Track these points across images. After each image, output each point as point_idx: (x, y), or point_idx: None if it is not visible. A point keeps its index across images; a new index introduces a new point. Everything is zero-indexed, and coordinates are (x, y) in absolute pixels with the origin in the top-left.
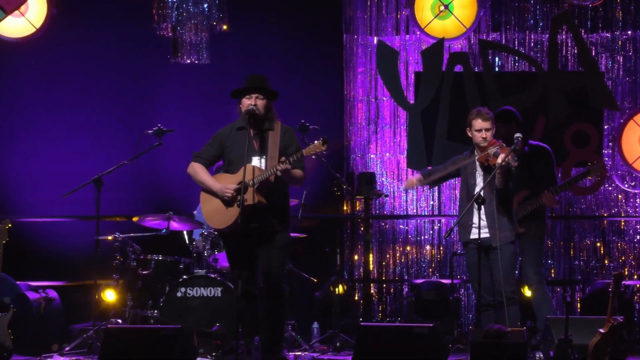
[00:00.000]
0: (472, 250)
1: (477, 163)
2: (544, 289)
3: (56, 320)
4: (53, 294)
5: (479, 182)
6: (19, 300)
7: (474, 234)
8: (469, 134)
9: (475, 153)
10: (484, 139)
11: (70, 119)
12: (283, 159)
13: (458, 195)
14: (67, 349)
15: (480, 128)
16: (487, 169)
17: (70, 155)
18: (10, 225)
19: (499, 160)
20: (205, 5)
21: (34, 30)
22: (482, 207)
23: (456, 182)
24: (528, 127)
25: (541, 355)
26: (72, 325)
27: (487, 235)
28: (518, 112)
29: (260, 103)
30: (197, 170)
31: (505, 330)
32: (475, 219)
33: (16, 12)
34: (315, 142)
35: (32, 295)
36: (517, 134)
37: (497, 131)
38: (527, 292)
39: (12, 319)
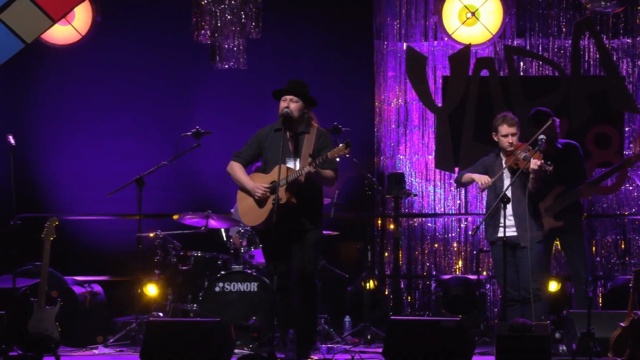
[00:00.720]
0: (499, 247)
1: (505, 166)
2: (585, 288)
3: (101, 313)
4: (98, 288)
5: (507, 184)
6: (66, 295)
7: (500, 233)
8: (495, 139)
9: (502, 156)
10: (510, 143)
11: (113, 121)
12: (309, 160)
13: (483, 195)
14: (111, 340)
15: (507, 133)
16: (514, 171)
17: (113, 157)
18: (57, 222)
19: (532, 165)
20: (242, 13)
21: (79, 37)
22: (509, 207)
23: None
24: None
25: (564, 348)
26: (116, 318)
27: (514, 233)
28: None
29: (294, 106)
30: (235, 169)
31: (529, 324)
32: (502, 219)
33: (63, 20)
34: (340, 145)
35: (78, 289)
36: (541, 136)
37: (533, 132)
38: (551, 287)
39: (59, 312)
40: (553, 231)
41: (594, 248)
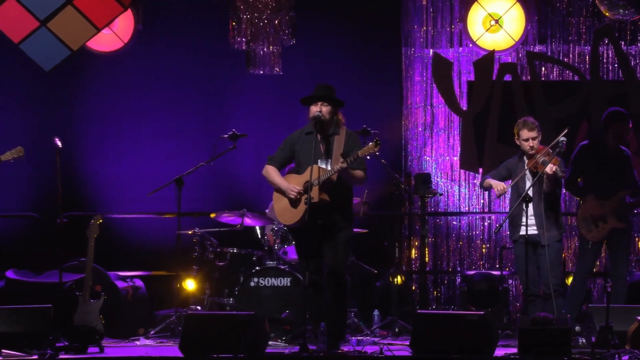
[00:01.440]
0: (521, 245)
1: (526, 168)
2: (625, 285)
3: (142, 306)
4: (139, 283)
5: (528, 185)
6: (109, 289)
7: (522, 231)
8: (517, 142)
9: (524, 159)
10: (531, 147)
11: (153, 125)
12: (341, 159)
13: (506, 194)
14: (152, 332)
15: (527, 137)
16: (535, 173)
17: (154, 158)
18: (101, 220)
19: (547, 170)
20: (276, 21)
21: (122, 44)
22: (530, 207)
23: None
24: (572, 131)
25: (584, 340)
26: (156, 312)
27: (535, 232)
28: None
29: (326, 110)
30: (270, 172)
31: (550, 317)
32: (524, 219)
33: (106, 28)
34: (369, 143)
35: (120, 284)
36: (562, 138)
37: (625, 129)
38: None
39: (103, 305)
40: (611, 231)
41: None
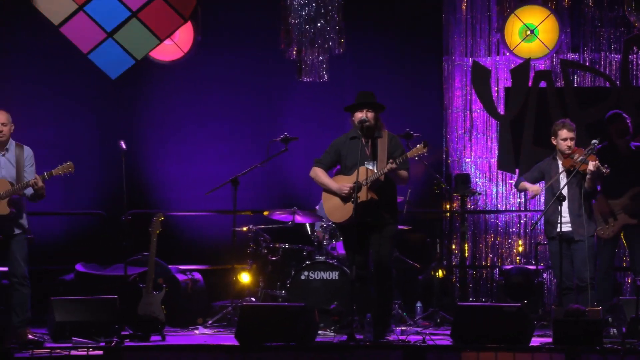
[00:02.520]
0: (556, 242)
1: (561, 168)
2: None
3: (200, 298)
4: (198, 276)
5: (563, 184)
6: (170, 281)
7: (558, 229)
8: (554, 142)
9: (558, 159)
10: (569, 147)
11: (211, 129)
12: (391, 160)
13: (542, 195)
14: (209, 322)
15: (566, 137)
16: (570, 172)
17: (211, 160)
18: (162, 218)
19: (590, 166)
20: (325, 32)
21: (182, 54)
22: (565, 205)
23: None
24: (604, 134)
25: (615, 331)
26: (214, 303)
27: (569, 229)
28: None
29: (370, 115)
30: (319, 173)
31: (583, 309)
32: (559, 217)
33: (168, 39)
34: (418, 145)
35: (180, 276)
36: (595, 140)
37: (623, 124)
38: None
39: (164, 296)
40: (624, 227)
41: None
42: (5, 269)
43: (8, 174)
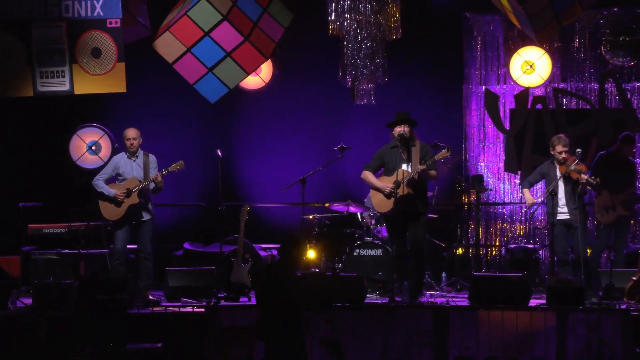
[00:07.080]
0: (557, 226)
1: (559, 172)
2: (623, 255)
3: None
4: (275, 252)
5: (559, 184)
6: (255, 256)
7: (559, 217)
8: (552, 152)
9: (555, 164)
10: (564, 158)
11: (286, 141)
12: (422, 161)
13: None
14: None
15: (561, 150)
16: (567, 175)
17: (286, 164)
18: (249, 208)
19: (582, 180)
20: (372, 66)
21: (264, 84)
22: (562, 200)
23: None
24: (585, 146)
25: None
26: None
27: (568, 217)
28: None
29: (407, 129)
30: (367, 175)
31: (570, 278)
32: (557, 208)
33: (253, 72)
34: (442, 150)
35: (263, 253)
36: (578, 149)
37: (632, 146)
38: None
39: (250, 268)
40: (619, 216)
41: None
42: (134, 246)
43: (138, 175)
